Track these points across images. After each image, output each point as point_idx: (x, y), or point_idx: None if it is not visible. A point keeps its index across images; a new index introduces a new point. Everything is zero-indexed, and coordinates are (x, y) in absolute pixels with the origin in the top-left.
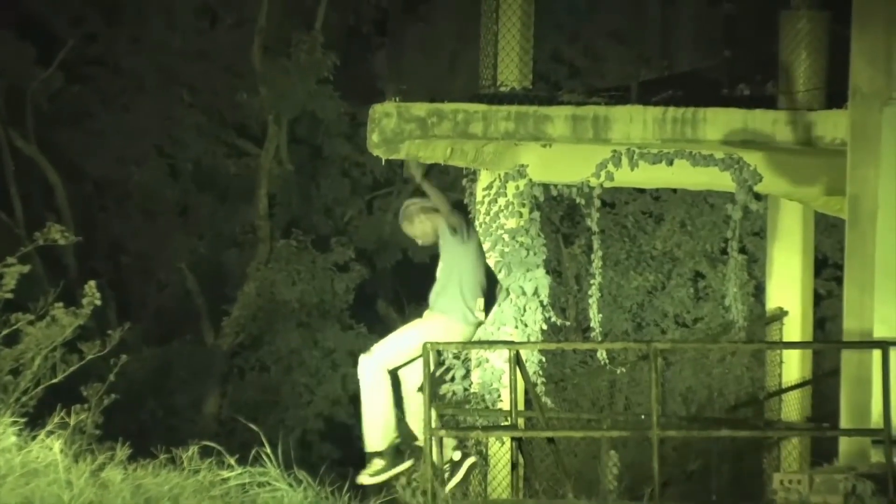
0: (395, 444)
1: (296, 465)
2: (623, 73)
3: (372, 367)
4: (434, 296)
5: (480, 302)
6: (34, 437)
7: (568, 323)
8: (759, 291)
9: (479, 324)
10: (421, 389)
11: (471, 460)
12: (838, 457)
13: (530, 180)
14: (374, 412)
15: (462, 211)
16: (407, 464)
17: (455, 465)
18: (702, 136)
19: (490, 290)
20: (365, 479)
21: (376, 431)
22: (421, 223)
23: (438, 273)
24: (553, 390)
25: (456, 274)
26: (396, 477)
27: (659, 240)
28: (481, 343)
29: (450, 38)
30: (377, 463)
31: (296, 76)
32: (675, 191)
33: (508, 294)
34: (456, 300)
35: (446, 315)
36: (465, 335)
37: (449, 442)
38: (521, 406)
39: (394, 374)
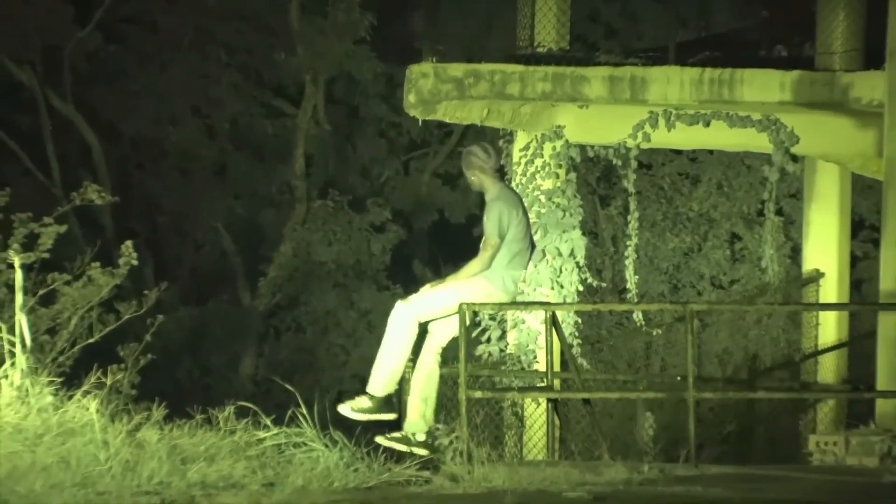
0: (390, 394)
1: (331, 426)
2: (660, 33)
3: (405, 315)
4: None
5: (521, 272)
6: (71, 397)
7: (604, 284)
8: (795, 253)
9: (520, 293)
10: (443, 353)
11: (424, 453)
12: (874, 419)
13: (567, 141)
14: (389, 357)
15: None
16: (390, 416)
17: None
18: (739, 97)
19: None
20: (346, 410)
21: (382, 376)
22: (473, 176)
23: (485, 236)
24: (589, 352)
25: (507, 241)
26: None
27: (695, 201)
28: (517, 304)
29: None
30: (364, 402)
31: (333, 36)
32: (711, 152)
33: (545, 255)
34: (497, 268)
35: (488, 280)
36: (503, 301)
37: (419, 424)
38: (556, 367)
39: (422, 329)
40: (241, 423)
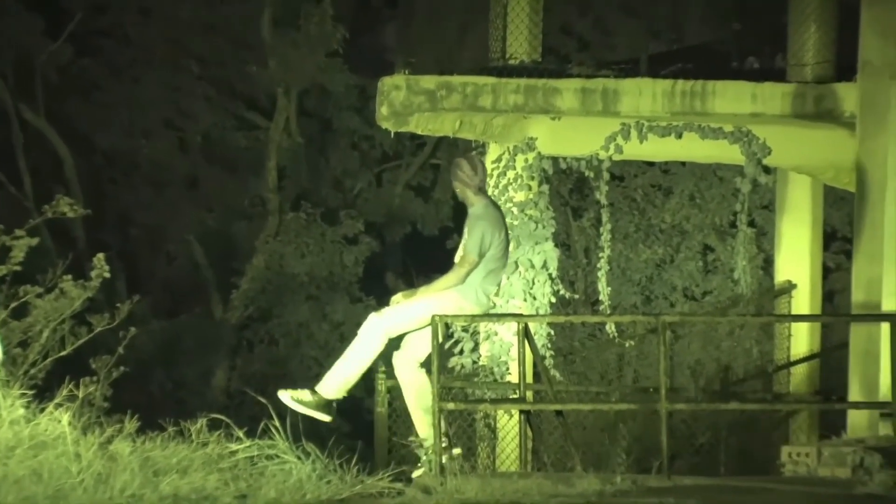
0: (335, 400)
1: (304, 438)
2: (632, 45)
3: (376, 328)
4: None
5: (495, 287)
6: (43, 410)
7: (577, 296)
8: (767, 264)
9: (493, 307)
10: (425, 364)
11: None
12: (847, 430)
13: (539, 153)
14: (349, 364)
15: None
16: (326, 418)
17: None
18: (711, 108)
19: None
20: (285, 397)
21: (336, 379)
22: (457, 188)
23: (461, 248)
24: (562, 363)
25: (486, 259)
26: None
27: (668, 213)
28: (490, 316)
29: (459, 10)
30: (307, 397)
31: (305, 49)
32: (684, 164)
33: (517, 267)
34: (472, 283)
35: (460, 293)
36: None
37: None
38: (529, 379)
39: (389, 343)
40: (214, 436)
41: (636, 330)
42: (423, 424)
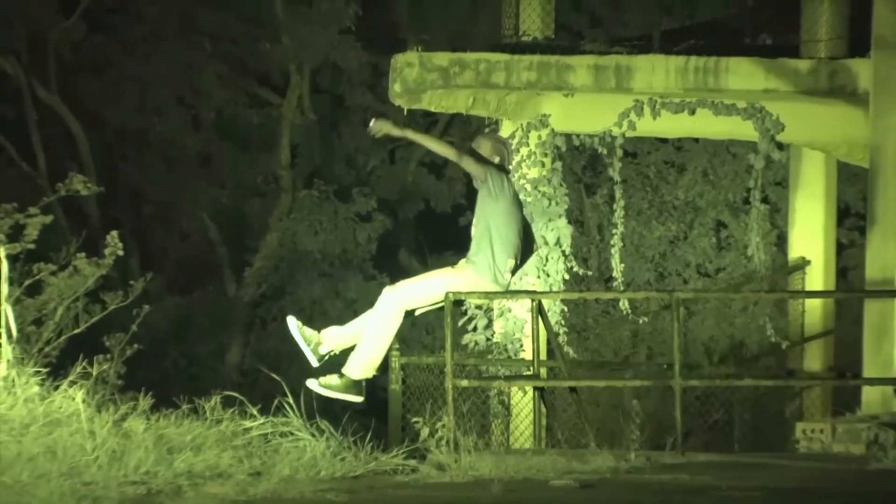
0: (363, 380)
1: (318, 415)
2: (645, 22)
3: (392, 302)
4: (472, 250)
5: (510, 262)
6: (57, 387)
7: (590, 273)
8: (781, 241)
9: (508, 284)
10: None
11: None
12: (860, 406)
13: (552, 130)
14: (371, 342)
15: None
16: (357, 399)
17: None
18: (724, 85)
19: (527, 248)
20: (313, 384)
21: (361, 360)
22: (496, 159)
23: (472, 228)
24: (575, 340)
25: (486, 230)
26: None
27: (681, 189)
28: (504, 293)
29: None
30: (334, 381)
31: (318, 25)
32: (697, 140)
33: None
34: (488, 259)
35: (478, 272)
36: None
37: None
38: (543, 356)
39: (408, 315)
40: (228, 413)
41: (650, 306)
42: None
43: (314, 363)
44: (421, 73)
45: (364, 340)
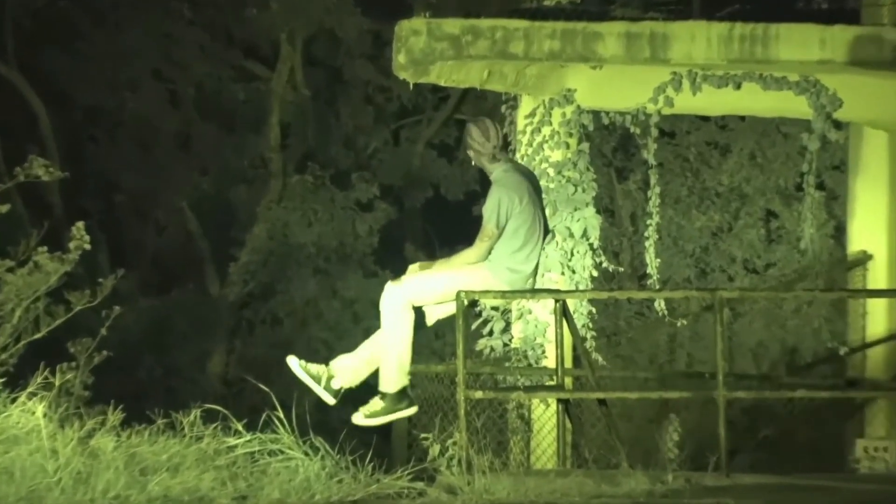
0: (404, 387)
1: (312, 431)
2: None
3: (397, 299)
4: None
5: (531, 266)
6: (14, 400)
7: (621, 269)
8: (839, 232)
9: (527, 279)
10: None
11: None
12: None
13: (578, 107)
14: (392, 348)
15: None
16: (410, 410)
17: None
18: (774, 55)
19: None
20: (360, 419)
21: (391, 371)
22: (471, 156)
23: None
24: (605, 346)
25: (509, 232)
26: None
27: (725, 174)
28: (523, 292)
29: None
30: (377, 405)
31: None
32: (743, 118)
33: (554, 236)
34: (501, 258)
35: (491, 270)
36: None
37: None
38: (568, 364)
39: (418, 310)
40: (210, 429)
41: (689, 307)
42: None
43: (330, 401)
44: (429, 43)
45: (386, 352)
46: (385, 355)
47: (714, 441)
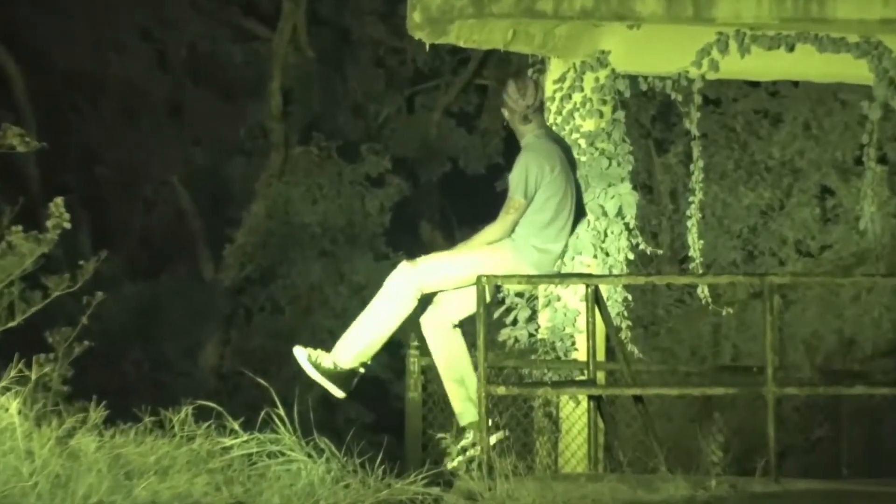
0: (354, 370)
1: (316, 431)
2: None
3: (406, 281)
4: None
5: (560, 246)
6: None
7: (660, 251)
8: None
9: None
10: (460, 325)
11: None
12: None
13: (613, 71)
14: (372, 324)
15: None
16: (340, 394)
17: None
18: (831, 13)
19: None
20: (301, 355)
21: (356, 344)
22: (505, 115)
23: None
24: (642, 336)
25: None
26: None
27: (776, 146)
28: (551, 276)
29: None
30: (324, 362)
31: None
32: (796, 84)
33: (586, 215)
34: (526, 237)
35: (516, 251)
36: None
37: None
38: (600, 357)
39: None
40: (202, 428)
41: (736, 294)
42: (458, 398)
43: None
44: (447, 0)
45: (364, 324)
46: (360, 329)
47: (762, 442)
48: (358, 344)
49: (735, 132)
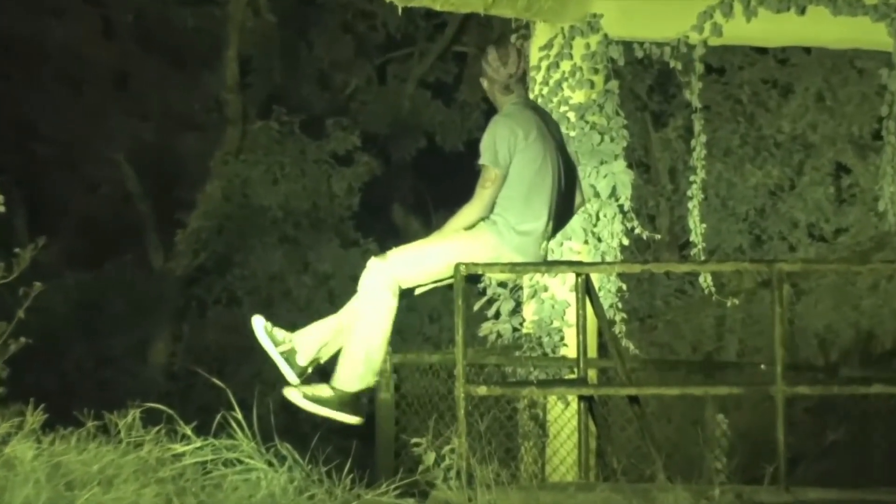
0: (359, 392)
1: (277, 436)
2: None
3: (380, 278)
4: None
5: (541, 225)
6: None
7: (658, 236)
8: None
9: (545, 255)
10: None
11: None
12: None
13: (605, 36)
14: (364, 341)
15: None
16: (354, 419)
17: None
18: None
19: (570, 203)
20: (296, 397)
21: (354, 366)
22: (483, 85)
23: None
24: (638, 330)
25: (513, 180)
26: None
27: (786, 120)
28: (537, 264)
29: None
30: (325, 393)
31: None
32: (808, 51)
33: (583, 201)
34: (504, 208)
35: (498, 235)
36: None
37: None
38: (592, 353)
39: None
40: (151, 433)
41: (742, 283)
42: (353, 366)
43: (292, 378)
44: None
45: (353, 339)
46: (353, 346)
47: (771, 447)
48: (356, 364)
49: (741, 104)
